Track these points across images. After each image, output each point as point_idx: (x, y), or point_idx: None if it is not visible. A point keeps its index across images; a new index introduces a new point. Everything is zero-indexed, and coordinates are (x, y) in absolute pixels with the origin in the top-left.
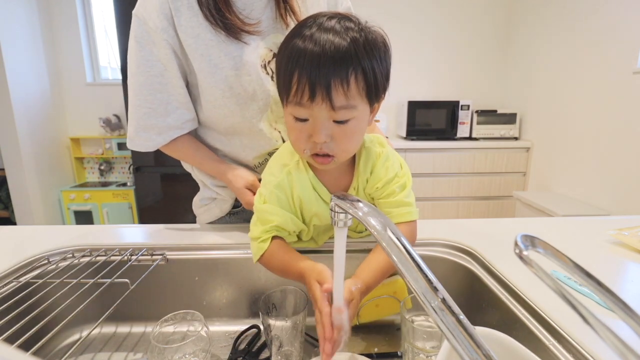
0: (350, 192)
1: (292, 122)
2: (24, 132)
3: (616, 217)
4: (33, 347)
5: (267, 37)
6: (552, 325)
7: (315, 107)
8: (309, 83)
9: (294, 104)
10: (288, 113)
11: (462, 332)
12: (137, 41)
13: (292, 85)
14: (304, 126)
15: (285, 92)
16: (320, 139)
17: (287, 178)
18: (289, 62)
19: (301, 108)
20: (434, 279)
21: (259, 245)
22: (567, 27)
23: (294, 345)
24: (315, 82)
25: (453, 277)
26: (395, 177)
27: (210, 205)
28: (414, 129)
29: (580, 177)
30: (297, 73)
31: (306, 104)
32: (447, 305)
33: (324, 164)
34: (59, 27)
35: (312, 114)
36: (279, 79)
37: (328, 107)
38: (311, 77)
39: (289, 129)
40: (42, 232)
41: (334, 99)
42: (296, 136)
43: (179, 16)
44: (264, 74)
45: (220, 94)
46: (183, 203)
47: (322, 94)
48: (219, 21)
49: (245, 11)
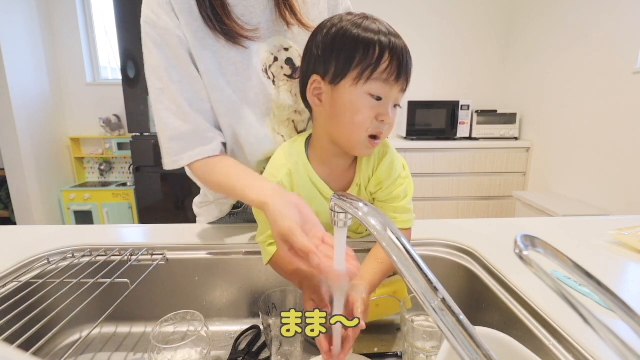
0: (353, 188)
1: (365, 101)
2: (24, 132)
3: (616, 217)
4: (33, 347)
5: (267, 40)
6: (552, 325)
7: (395, 87)
8: (399, 63)
9: (380, 80)
10: (363, 91)
11: (462, 332)
12: (157, 45)
13: (382, 62)
14: (375, 105)
15: (368, 67)
16: (391, 118)
17: (287, 178)
18: (370, 41)
19: (385, 85)
20: (434, 279)
21: (267, 249)
22: (567, 27)
23: (294, 346)
24: (404, 63)
25: (453, 277)
26: (399, 178)
27: (211, 206)
28: (414, 129)
29: (580, 177)
30: (388, 52)
31: (391, 82)
32: (447, 305)
33: (374, 146)
34: (59, 27)
35: (389, 94)
36: (345, 53)
37: (401, 89)
38: (402, 57)
39: (357, 109)
40: (42, 232)
41: (408, 81)
42: (366, 115)
43: (182, 18)
44: (265, 78)
45: (224, 99)
46: (183, 203)
47: (405, 76)
48: (217, 26)
49: (245, 17)
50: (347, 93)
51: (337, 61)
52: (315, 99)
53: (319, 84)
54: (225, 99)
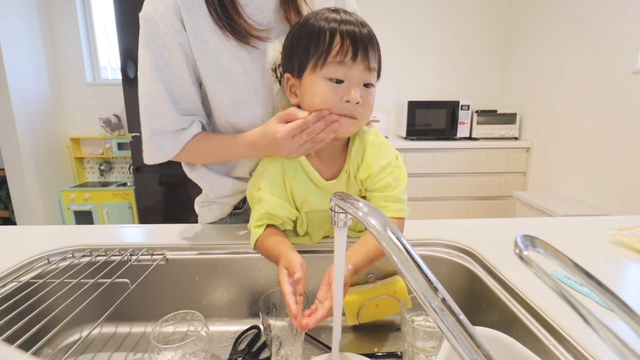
0: (342, 175)
1: (325, 86)
2: (24, 132)
3: (616, 217)
4: (33, 347)
5: (278, 38)
6: (552, 325)
7: (355, 67)
8: (353, 43)
9: (335, 64)
10: (321, 77)
11: (462, 332)
12: (147, 44)
13: (333, 46)
14: (338, 88)
15: (322, 54)
16: (356, 97)
17: (279, 165)
18: (322, 29)
19: (342, 67)
20: (434, 279)
21: (254, 231)
22: (567, 27)
23: (294, 346)
24: (359, 42)
25: (453, 277)
26: (389, 165)
27: (212, 206)
28: (414, 129)
29: (580, 177)
30: (339, 34)
31: (348, 63)
32: (447, 305)
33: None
34: (59, 27)
35: (350, 74)
36: (302, 47)
37: (365, 67)
38: (355, 38)
39: (316, 93)
40: (42, 232)
41: (370, 59)
42: (326, 97)
43: (188, 19)
44: (272, 77)
45: (229, 100)
46: (183, 203)
47: (363, 54)
48: (227, 25)
49: (255, 16)
50: (308, 82)
51: (298, 56)
52: (292, 95)
53: (292, 81)
54: (232, 98)
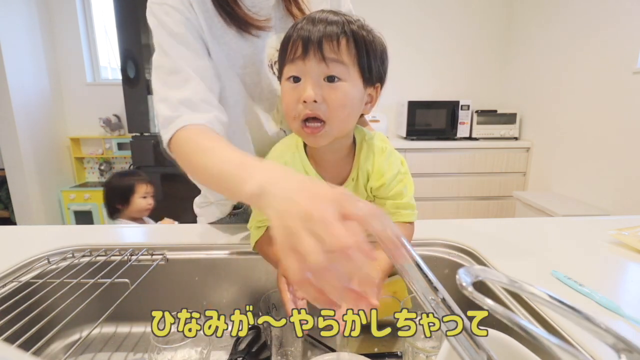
0: (348, 182)
1: (286, 87)
2: (24, 132)
3: (616, 217)
4: (33, 347)
5: (274, 36)
6: (552, 325)
7: (307, 62)
8: (302, 39)
9: (289, 62)
10: (284, 80)
11: (462, 332)
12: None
13: (289, 46)
14: (296, 87)
15: (286, 57)
16: (310, 95)
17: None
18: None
19: (294, 65)
20: (434, 279)
21: (254, 232)
22: (567, 27)
23: (294, 345)
24: (309, 37)
25: (453, 277)
26: (399, 174)
27: (211, 207)
28: (414, 129)
29: (580, 177)
30: (293, 35)
31: (299, 59)
32: (447, 305)
33: (314, 133)
34: (59, 27)
35: (304, 71)
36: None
37: (319, 59)
38: (304, 34)
39: (283, 97)
40: (42, 232)
41: (324, 50)
42: (288, 100)
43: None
44: (270, 73)
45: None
46: (183, 203)
47: (314, 48)
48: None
49: (255, 8)
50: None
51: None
52: None
53: None
54: (234, 89)
